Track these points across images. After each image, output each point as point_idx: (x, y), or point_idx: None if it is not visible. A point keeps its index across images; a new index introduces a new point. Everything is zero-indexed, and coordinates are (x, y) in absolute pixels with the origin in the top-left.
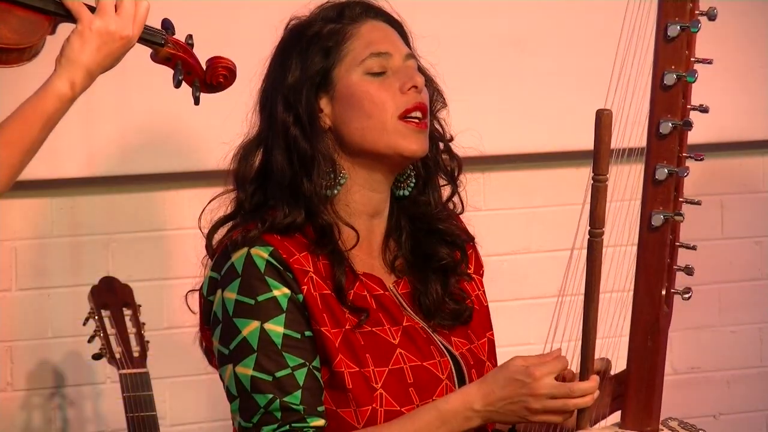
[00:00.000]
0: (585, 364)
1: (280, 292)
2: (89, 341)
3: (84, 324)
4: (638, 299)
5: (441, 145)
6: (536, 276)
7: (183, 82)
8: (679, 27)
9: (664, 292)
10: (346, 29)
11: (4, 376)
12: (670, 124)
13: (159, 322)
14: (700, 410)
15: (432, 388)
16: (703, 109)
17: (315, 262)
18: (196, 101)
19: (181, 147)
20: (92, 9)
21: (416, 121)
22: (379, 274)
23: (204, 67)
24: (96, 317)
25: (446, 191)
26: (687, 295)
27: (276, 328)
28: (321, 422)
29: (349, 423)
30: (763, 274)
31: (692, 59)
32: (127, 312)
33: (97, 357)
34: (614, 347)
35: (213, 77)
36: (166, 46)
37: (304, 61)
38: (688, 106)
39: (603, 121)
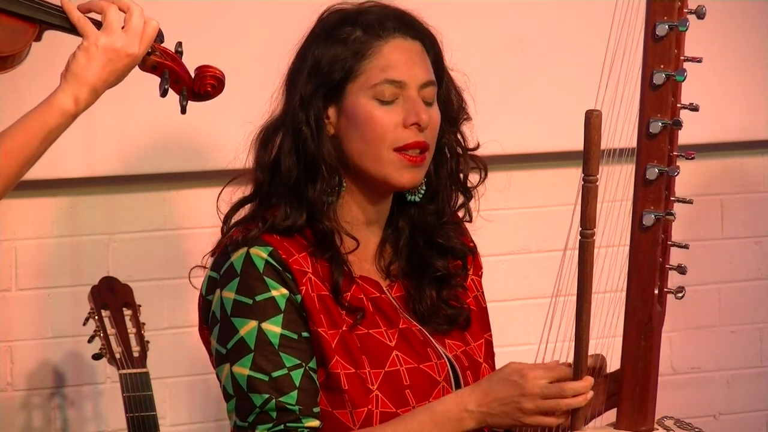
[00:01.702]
0: (578, 365)
1: (279, 292)
2: (89, 341)
3: (84, 324)
4: (631, 299)
5: (459, 151)
6: (536, 276)
7: (169, 91)
8: (667, 26)
9: (656, 292)
10: (371, 43)
11: (4, 376)
12: (660, 124)
13: (159, 322)
14: (700, 410)
15: (428, 390)
16: (693, 108)
17: (314, 263)
18: (183, 110)
19: (182, 147)
20: (97, 24)
21: (413, 155)
22: (374, 277)
23: (192, 75)
24: (96, 317)
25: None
26: (680, 294)
27: (273, 328)
28: (316, 423)
29: (345, 424)
30: (763, 274)
31: (681, 58)
32: (127, 312)
33: (97, 357)
34: (608, 347)
35: (201, 86)
36: (153, 55)
37: (323, 66)
38: (678, 105)
39: (592, 121)
